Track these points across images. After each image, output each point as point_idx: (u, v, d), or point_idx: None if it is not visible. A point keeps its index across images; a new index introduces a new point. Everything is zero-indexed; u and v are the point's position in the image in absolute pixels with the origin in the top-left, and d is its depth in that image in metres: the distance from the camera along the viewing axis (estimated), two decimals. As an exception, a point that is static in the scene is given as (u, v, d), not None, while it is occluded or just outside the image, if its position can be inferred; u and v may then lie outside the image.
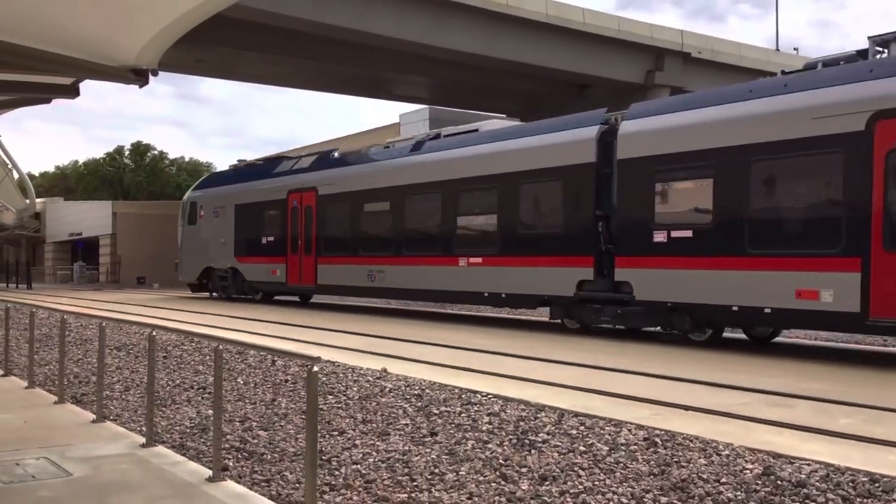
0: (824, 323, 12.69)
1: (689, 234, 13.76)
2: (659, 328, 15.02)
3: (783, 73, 13.88)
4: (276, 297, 27.85)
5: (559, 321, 16.89)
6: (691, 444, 6.48)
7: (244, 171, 29.44)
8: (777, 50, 45.90)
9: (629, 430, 6.97)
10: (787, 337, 16.32)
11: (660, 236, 14.18)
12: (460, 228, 18.73)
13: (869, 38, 13.23)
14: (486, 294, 18.07)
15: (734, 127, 13.18)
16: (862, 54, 12.93)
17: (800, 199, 12.48)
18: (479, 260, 18.10)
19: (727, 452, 6.23)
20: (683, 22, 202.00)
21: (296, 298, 27.54)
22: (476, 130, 19.62)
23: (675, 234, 13.97)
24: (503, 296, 17.73)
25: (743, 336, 15.33)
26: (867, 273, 11.35)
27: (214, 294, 29.27)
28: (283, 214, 24.88)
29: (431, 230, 19.62)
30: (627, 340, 14.88)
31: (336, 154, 25.01)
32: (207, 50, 35.09)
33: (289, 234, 24.52)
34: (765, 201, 12.83)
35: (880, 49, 12.81)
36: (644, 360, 11.71)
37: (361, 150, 24.77)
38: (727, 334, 15.30)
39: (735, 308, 13.04)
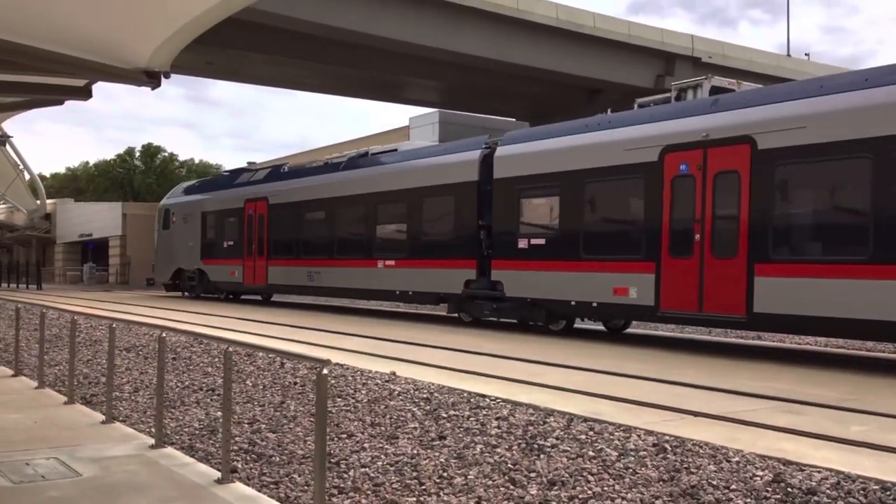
0: (631, 314, 15.76)
1: (542, 241, 16.64)
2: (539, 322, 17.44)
3: (610, 111, 16.95)
4: (244, 297, 30.21)
5: (455, 315, 19.86)
6: (701, 451, 6.45)
7: (210, 182, 32.61)
8: (788, 55, 45.79)
9: (638, 436, 6.95)
10: (796, 343, 16.26)
11: (522, 243, 17.03)
12: (379, 235, 21.74)
13: (672, 85, 16.17)
14: (397, 292, 20.94)
15: (573, 154, 16.10)
16: (678, 97, 15.62)
17: (616, 213, 15.39)
18: (393, 263, 21.02)
19: (737, 459, 6.20)
20: (694, 27, 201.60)
21: (258, 297, 29.73)
22: (395, 150, 22.61)
23: (533, 241, 16.85)
24: (410, 293, 20.57)
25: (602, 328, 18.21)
26: (658, 274, 14.14)
27: (186, 294, 31.71)
28: (241, 221, 27.77)
29: (357, 237, 22.61)
30: (634, 346, 14.84)
31: (285, 168, 28.18)
32: (218, 52, 35.22)
33: (245, 239, 27.48)
34: (593, 215, 15.72)
35: (681, 95, 15.64)
36: (653, 367, 11.68)
37: (305, 164, 27.36)
38: (585, 326, 18.53)
39: (573, 303, 15.88)
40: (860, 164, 11.61)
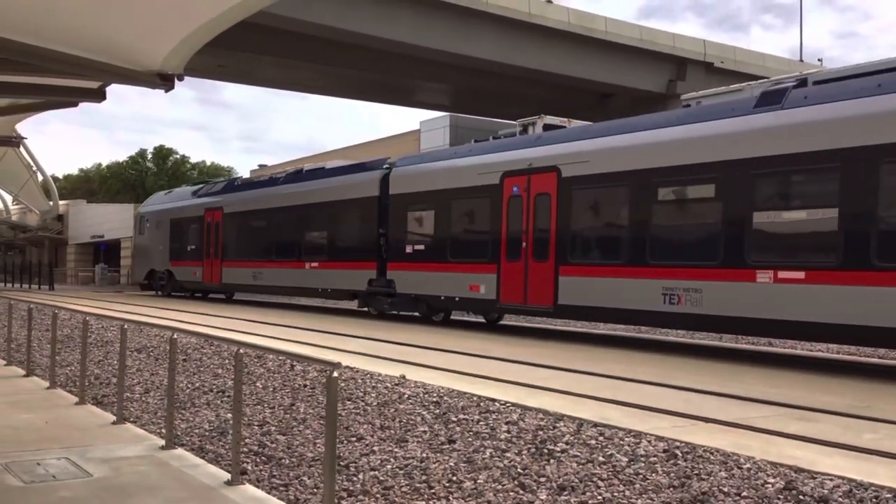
0: (482, 307, 19.60)
1: (422, 247, 20.27)
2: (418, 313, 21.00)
3: (474, 141, 20.93)
4: (211, 295, 33.22)
5: (365, 309, 23.27)
6: (712, 457, 6.42)
7: (179, 193, 36.31)
8: (801, 61, 45.63)
9: (649, 442, 6.92)
10: (808, 350, 16.18)
11: (409, 249, 20.67)
12: (306, 241, 25.43)
13: (518, 122, 19.74)
14: (319, 289, 24.62)
15: (443, 176, 19.76)
16: (521, 132, 19.41)
17: (471, 225, 18.90)
18: (317, 264, 24.66)
19: (748, 466, 6.17)
20: (705, 31, 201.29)
21: (222, 296, 32.83)
22: (323, 168, 26.33)
23: (416, 247, 20.50)
24: (329, 290, 24.26)
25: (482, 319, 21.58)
26: (499, 275, 17.66)
27: (158, 292, 34.58)
28: (201, 228, 31.35)
29: (289, 242, 26.14)
30: (643, 351, 14.80)
31: (238, 181, 32.44)
32: (230, 55, 35.37)
33: (205, 243, 31.04)
34: (456, 227, 19.26)
35: (525, 130, 19.36)
36: (662, 372, 11.64)
37: (254, 178, 32.16)
38: (468, 318, 22.67)
39: (443, 297, 19.55)
40: (622, 190, 15.20)
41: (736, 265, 13.04)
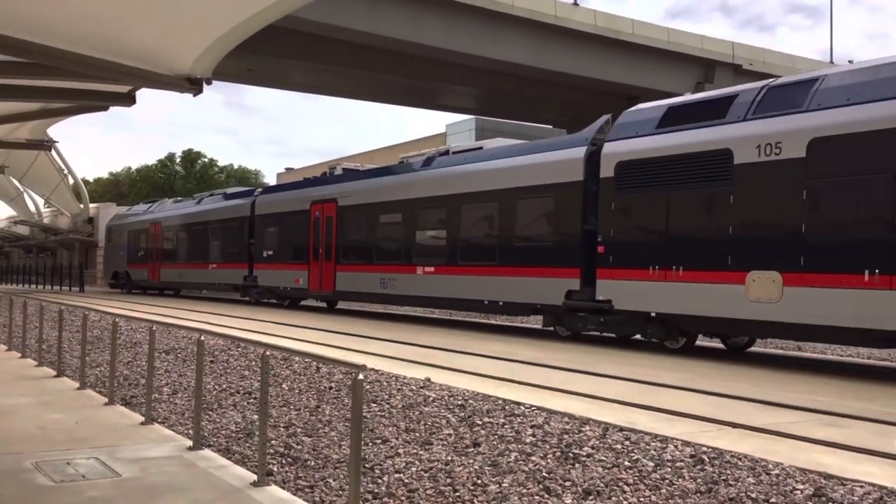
0: (301, 294, 27.15)
1: (272, 252, 28.34)
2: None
3: (304, 179, 30.76)
4: (154, 292, 39.34)
5: (245, 298, 30.74)
6: (740, 463, 6.36)
7: (136, 209, 43.50)
8: (831, 62, 45.06)
9: (675, 447, 6.87)
10: (838, 355, 15.97)
11: (265, 253, 28.70)
12: (211, 248, 32.65)
13: (330, 164, 28.51)
14: (221, 284, 32.06)
15: (284, 201, 27.99)
16: (330, 172, 28.18)
17: (296, 237, 26.76)
18: (215, 265, 32.32)
19: (777, 472, 6.10)
20: (733, 32, 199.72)
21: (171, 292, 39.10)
22: (224, 194, 34.42)
23: (269, 252, 28.43)
24: (219, 284, 32.37)
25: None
26: (309, 271, 25.68)
27: (121, 290, 41.20)
28: (148, 237, 38.75)
29: (199, 248, 33.73)
30: (670, 356, 14.68)
31: (170, 202, 40.38)
32: (259, 59, 35.64)
33: (150, 249, 38.38)
34: (290, 236, 27.21)
35: (332, 171, 28.21)
36: (690, 377, 11.55)
37: (183, 199, 39.87)
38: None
39: (282, 287, 27.71)
40: (363, 216, 23.43)
41: (409, 264, 21.39)
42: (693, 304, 14.02)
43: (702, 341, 16.34)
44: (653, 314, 14.78)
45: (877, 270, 11.42)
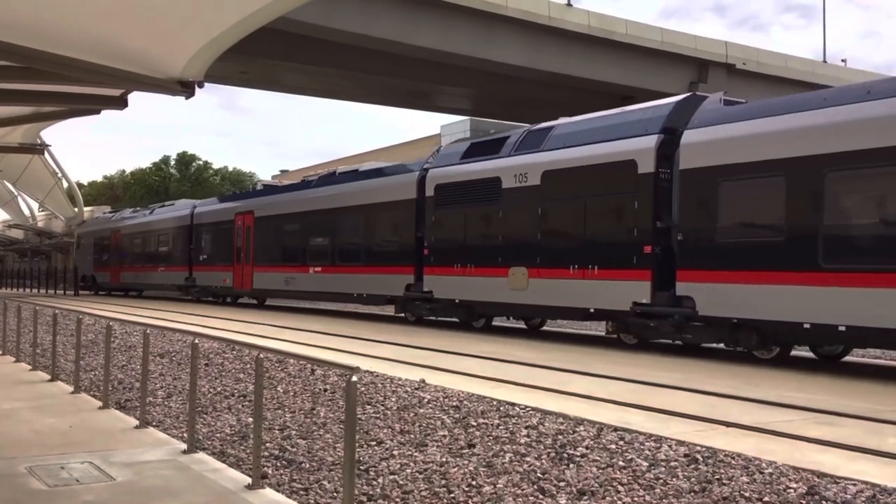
0: (227, 292, 31.86)
1: (206, 256, 33.17)
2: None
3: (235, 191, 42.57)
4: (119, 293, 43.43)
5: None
6: (733, 462, 6.38)
7: (101, 218, 48.43)
8: (824, 62, 45.18)
9: (669, 446, 6.88)
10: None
11: (201, 257, 33.35)
12: (160, 253, 37.32)
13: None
14: (168, 284, 36.51)
15: (217, 211, 32.83)
16: (253, 188, 36.04)
17: (223, 242, 31.43)
18: (163, 268, 36.92)
19: (770, 471, 6.12)
20: (726, 32, 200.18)
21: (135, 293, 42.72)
22: (173, 205, 39.55)
23: (205, 256, 33.21)
24: (161, 284, 37.29)
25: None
26: (233, 272, 30.13)
27: (91, 291, 45.44)
28: (109, 244, 43.31)
29: (150, 253, 38.44)
30: (665, 355, 14.71)
31: (129, 211, 45.26)
32: (253, 62, 35.61)
33: (112, 255, 42.77)
34: (221, 242, 31.56)
35: (254, 187, 37.18)
36: (684, 376, 11.57)
37: (140, 210, 44.43)
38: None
39: (213, 286, 32.51)
40: (273, 224, 27.96)
41: (304, 265, 26.24)
42: (479, 292, 18.66)
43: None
44: (457, 301, 19.45)
45: (576, 266, 16.25)
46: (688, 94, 16.38)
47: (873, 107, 11.74)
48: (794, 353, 14.44)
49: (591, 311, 16.03)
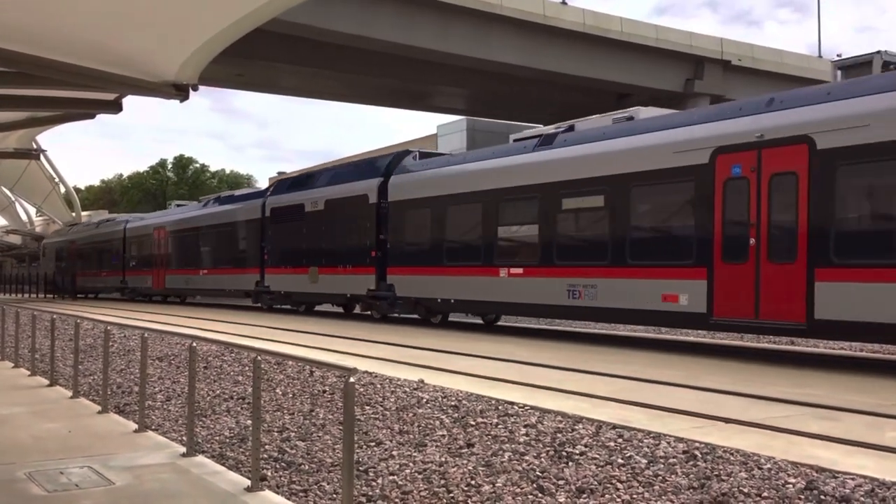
0: (150, 291, 38.35)
1: (135, 263, 39.64)
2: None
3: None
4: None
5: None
6: (732, 458, 6.38)
7: (60, 232, 53.48)
8: (819, 57, 45.20)
9: (668, 443, 6.89)
10: (830, 349, 16.04)
11: (132, 263, 39.88)
12: (104, 260, 43.22)
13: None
14: (108, 287, 43.08)
15: (141, 228, 39.82)
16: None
17: (145, 252, 38.48)
18: (105, 273, 42.96)
19: (769, 466, 6.12)
20: (720, 28, 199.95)
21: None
22: (115, 220, 45.66)
23: (134, 262, 39.85)
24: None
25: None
26: (153, 275, 37.44)
27: (53, 295, 49.60)
28: (65, 253, 49.02)
29: (96, 261, 44.51)
30: (663, 352, 14.73)
31: (82, 225, 50.25)
32: (248, 64, 35.59)
33: (67, 262, 48.44)
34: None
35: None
36: (683, 373, 11.57)
37: (88, 224, 50.08)
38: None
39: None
40: (183, 238, 35.30)
41: (197, 269, 33.50)
42: (292, 285, 26.27)
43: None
44: (283, 292, 27.18)
45: (342, 265, 23.72)
46: (401, 151, 24.00)
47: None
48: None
49: (348, 295, 23.65)
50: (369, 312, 23.96)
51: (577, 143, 16.69)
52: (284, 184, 29.03)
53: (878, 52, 14.07)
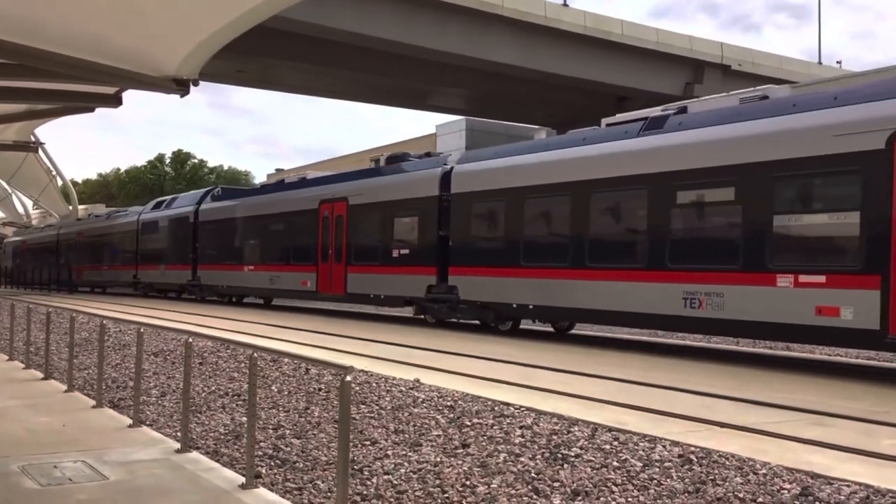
0: (102, 284, 43.44)
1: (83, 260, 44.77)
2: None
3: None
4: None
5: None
6: (727, 462, 6.38)
7: (18, 233, 60.05)
8: (819, 63, 45.28)
9: (664, 447, 6.88)
10: (826, 355, 16.05)
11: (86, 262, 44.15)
12: (58, 257, 47.42)
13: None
14: (61, 281, 45.27)
15: (77, 228, 46.61)
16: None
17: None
18: (56, 269, 46.77)
19: (764, 471, 6.12)
20: (718, 32, 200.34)
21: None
22: (61, 224, 50.02)
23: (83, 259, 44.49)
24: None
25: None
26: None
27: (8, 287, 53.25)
28: (20, 252, 55.51)
29: (47, 259, 48.13)
30: (660, 356, 14.73)
31: (34, 228, 55.97)
32: (248, 60, 35.55)
33: (21, 260, 54.43)
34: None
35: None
36: (679, 377, 11.58)
37: (43, 228, 55.11)
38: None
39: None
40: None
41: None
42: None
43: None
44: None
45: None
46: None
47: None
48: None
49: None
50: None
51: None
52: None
53: None
